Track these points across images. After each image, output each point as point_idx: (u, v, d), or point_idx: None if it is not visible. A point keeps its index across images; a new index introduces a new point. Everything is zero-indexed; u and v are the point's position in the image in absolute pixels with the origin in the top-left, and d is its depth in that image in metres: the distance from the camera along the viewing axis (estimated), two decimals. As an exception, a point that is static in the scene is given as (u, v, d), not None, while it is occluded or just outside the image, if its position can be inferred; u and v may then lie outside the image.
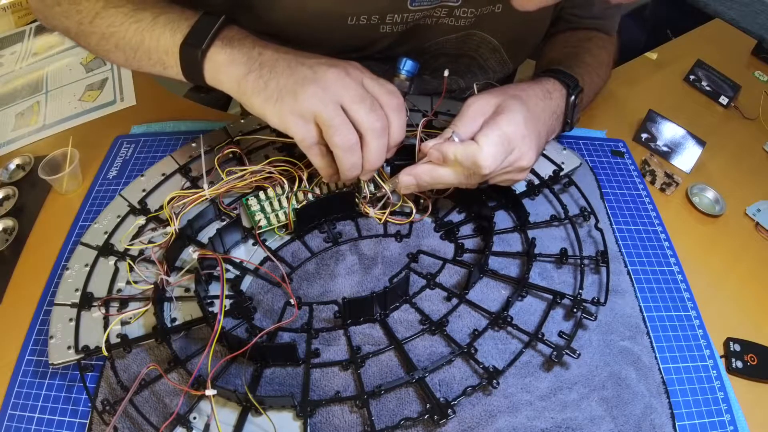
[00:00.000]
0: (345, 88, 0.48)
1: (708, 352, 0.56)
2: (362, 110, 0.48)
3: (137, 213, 0.61)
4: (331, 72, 0.48)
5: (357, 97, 0.48)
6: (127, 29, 0.53)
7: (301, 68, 0.48)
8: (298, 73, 0.48)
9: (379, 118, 0.49)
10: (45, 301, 0.58)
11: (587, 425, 0.47)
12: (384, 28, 0.66)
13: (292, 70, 0.48)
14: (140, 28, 0.52)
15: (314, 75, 0.48)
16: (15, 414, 0.51)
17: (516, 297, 0.54)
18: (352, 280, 0.57)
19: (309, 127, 0.48)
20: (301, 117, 0.48)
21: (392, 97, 0.51)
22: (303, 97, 0.47)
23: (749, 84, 0.88)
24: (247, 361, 0.50)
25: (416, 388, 0.49)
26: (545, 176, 0.64)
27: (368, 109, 0.48)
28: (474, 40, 0.72)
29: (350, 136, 0.48)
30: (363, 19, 0.63)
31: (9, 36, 1.00)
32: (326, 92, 0.47)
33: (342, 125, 0.48)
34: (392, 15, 0.64)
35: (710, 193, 0.71)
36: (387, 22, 0.65)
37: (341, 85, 0.48)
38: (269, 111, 0.48)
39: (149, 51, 0.53)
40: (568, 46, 0.73)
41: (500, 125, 0.51)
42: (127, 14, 0.53)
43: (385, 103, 0.50)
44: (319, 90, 0.47)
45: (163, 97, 0.85)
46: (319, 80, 0.48)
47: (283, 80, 0.48)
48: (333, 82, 0.48)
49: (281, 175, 0.60)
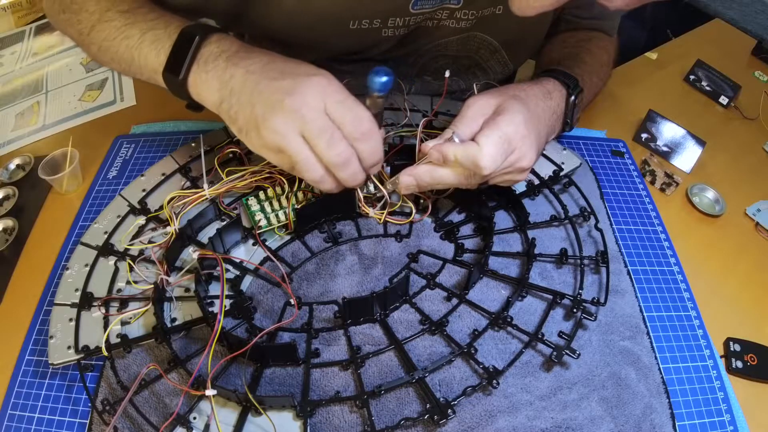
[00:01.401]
0: (304, 120, 0.45)
1: (708, 352, 0.56)
2: (320, 145, 0.46)
3: (137, 213, 0.61)
4: (290, 101, 0.45)
5: (316, 130, 0.45)
6: (119, 45, 0.53)
7: (263, 95, 0.46)
8: (260, 102, 0.46)
9: (339, 152, 0.46)
10: (45, 301, 0.58)
11: (587, 425, 0.47)
12: (386, 32, 0.66)
13: (255, 99, 0.46)
14: (129, 45, 0.52)
15: (273, 106, 0.45)
16: (15, 414, 0.51)
17: (516, 297, 0.54)
18: (352, 280, 0.57)
19: (281, 155, 0.47)
20: (268, 149, 0.47)
21: (358, 124, 0.47)
22: (264, 133, 0.46)
23: (749, 84, 0.88)
24: (247, 361, 0.50)
25: (416, 388, 0.49)
26: (545, 176, 0.64)
27: (326, 144, 0.46)
28: (475, 41, 0.72)
29: (317, 169, 0.47)
30: (365, 23, 0.63)
31: (9, 36, 1.00)
32: (286, 126, 0.45)
33: (306, 161, 0.46)
34: (394, 18, 0.64)
35: (710, 193, 0.71)
36: (389, 25, 0.65)
37: (300, 116, 0.45)
38: (245, 141, 0.48)
39: (140, 68, 0.53)
40: (568, 46, 0.73)
41: (500, 126, 0.51)
42: (118, 29, 0.53)
43: (348, 134, 0.47)
44: (280, 123, 0.45)
45: (163, 97, 0.83)
46: (278, 112, 0.45)
47: (248, 111, 0.46)
48: (292, 113, 0.45)
49: (281, 175, 0.60)
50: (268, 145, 0.46)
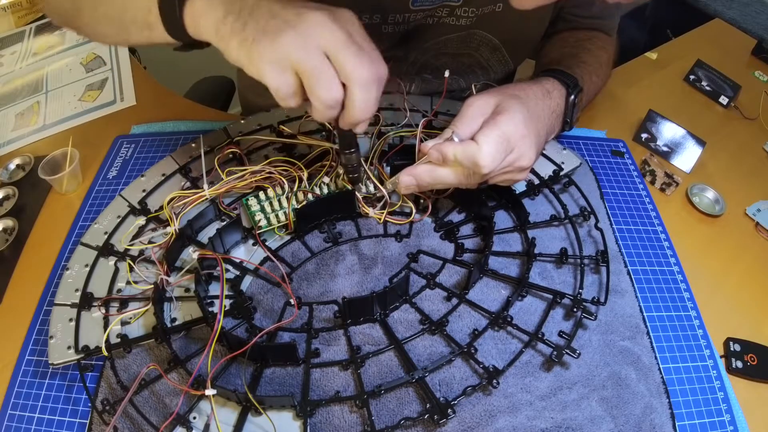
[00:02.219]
0: (331, 32, 0.42)
1: (708, 352, 0.56)
2: (349, 55, 0.42)
3: (137, 213, 0.61)
4: (316, 14, 0.42)
5: (343, 41, 0.42)
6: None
7: (284, 12, 0.43)
8: (279, 16, 0.43)
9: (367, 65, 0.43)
10: (45, 301, 0.58)
11: (587, 425, 0.47)
12: (386, 28, 0.66)
13: (273, 13, 0.43)
14: None
15: (297, 18, 0.42)
16: (15, 414, 0.51)
17: (516, 297, 0.54)
18: (352, 280, 0.57)
19: (286, 75, 0.43)
20: (278, 64, 0.42)
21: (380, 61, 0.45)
22: (282, 41, 0.41)
23: (749, 84, 0.88)
24: (247, 361, 0.50)
25: (416, 387, 0.49)
26: (545, 176, 0.64)
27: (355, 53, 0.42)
28: (475, 39, 0.72)
29: (334, 87, 0.43)
30: (365, 18, 0.63)
31: (9, 36, 1.00)
32: (308, 38, 0.42)
33: (324, 74, 0.42)
34: (394, 15, 0.64)
35: (710, 193, 0.71)
36: (389, 22, 0.65)
37: (327, 28, 0.42)
38: (244, 55, 0.43)
39: (134, 13, 0.49)
40: (568, 46, 0.73)
41: (500, 125, 0.51)
42: None
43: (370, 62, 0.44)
44: (300, 34, 0.41)
45: (163, 97, 0.85)
46: (301, 23, 0.42)
47: (263, 22, 0.42)
48: (317, 24, 0.42)
49: (281, 175, 0.60)
50: (279, 56, 0.42)
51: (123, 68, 0.89)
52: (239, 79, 1.03)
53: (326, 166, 0.60)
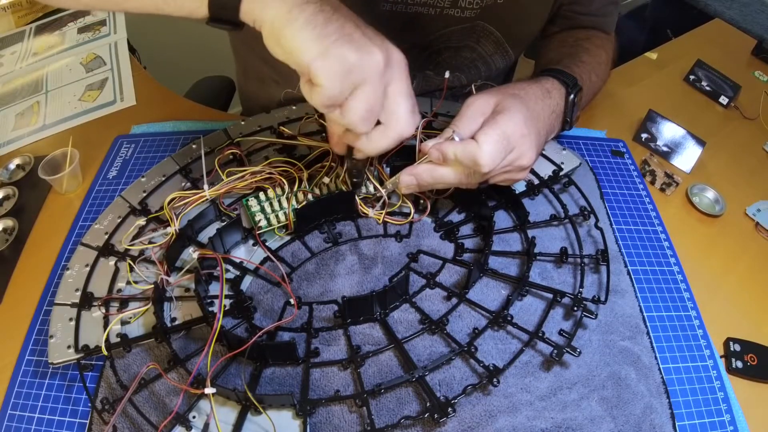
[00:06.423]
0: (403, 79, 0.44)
1: (708, 352, 0.56)
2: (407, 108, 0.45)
3: (137, 214, 0.61)
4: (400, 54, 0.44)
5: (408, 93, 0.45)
6: None
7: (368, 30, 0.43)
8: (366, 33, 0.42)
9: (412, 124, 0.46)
10: (45, 301, 0.58)
11: (587, 425, 0.47)
12: (384, 6, 0.65)
13: (358, 25, 0.43)
14: None
15: (383, 45, 0.43)
16: (15, 414, 0.51)
17: (516, 296, 0.54)
18: (352, 280, 0.57)
19: (345, 85, 0.42)
20: (348, 72, 0.41)
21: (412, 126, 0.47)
22: (366, 57, 0.41)
23: (749, 84, 0.88)
24: (247, 360, 0.50)
25: (416, 387, 0.49)
26: (545, 176, 0.64)
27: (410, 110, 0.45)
28: (477, 31, 0.73)
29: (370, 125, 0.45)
30: None
31: (9, 36, 1.00)
32: (387, 69, 0.43)
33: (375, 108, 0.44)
34: None
35: (710, 193, 0.71)
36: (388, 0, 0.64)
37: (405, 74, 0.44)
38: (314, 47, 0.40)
39: None
40: (566, 46, 0.73)
41: (500, 124, 0.51)
42: None
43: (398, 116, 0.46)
44: (382, 62, 0.42)
45: (163, 97, 0.85)
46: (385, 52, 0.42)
47: (348, 29, 0.42)
48: (397, 64, 0.44)
49: (281, 175, 0.60)
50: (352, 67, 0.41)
51: (123, 68, 0.89)
52: (239, 80, 1.03)
53: (326, 167, 0.60)
